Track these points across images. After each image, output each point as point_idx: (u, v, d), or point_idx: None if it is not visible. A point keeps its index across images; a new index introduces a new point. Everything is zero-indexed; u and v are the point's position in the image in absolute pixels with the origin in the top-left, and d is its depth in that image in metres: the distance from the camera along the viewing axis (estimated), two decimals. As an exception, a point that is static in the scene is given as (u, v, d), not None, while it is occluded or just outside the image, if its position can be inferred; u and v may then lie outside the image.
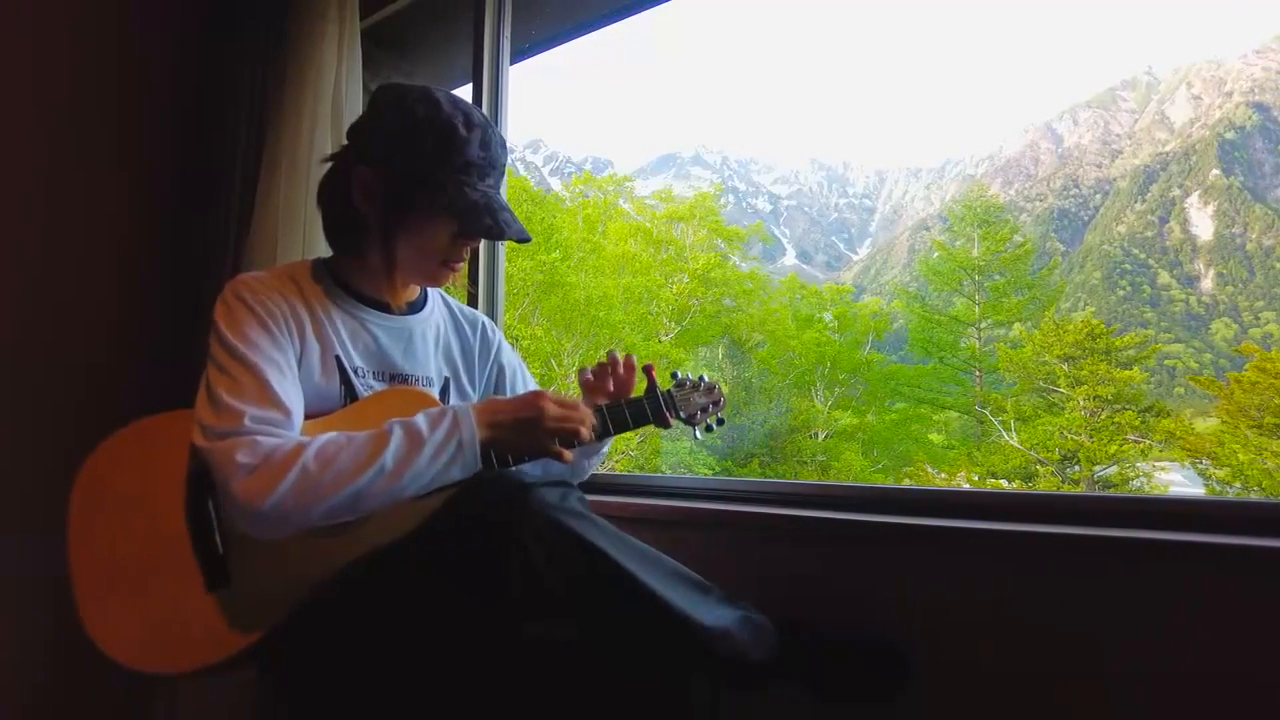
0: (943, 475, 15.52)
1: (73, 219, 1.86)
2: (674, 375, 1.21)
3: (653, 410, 1.15)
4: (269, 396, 0.93)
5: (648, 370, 1.20)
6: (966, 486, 14.00)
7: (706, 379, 1.23)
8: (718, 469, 16.74)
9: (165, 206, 2.00)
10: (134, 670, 0.96)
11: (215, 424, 0.90)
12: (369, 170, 1.07)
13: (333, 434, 0.92)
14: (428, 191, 1.04)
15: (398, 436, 0.91)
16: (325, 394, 1.05)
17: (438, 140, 1.04)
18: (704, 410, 1.22)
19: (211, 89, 1.98)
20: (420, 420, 0.93)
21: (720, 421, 1.25)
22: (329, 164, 1.14)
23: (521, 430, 0.98)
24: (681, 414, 1.19)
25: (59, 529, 1.03)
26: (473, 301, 1.84)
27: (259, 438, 0.89)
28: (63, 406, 1.77)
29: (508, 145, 1.15)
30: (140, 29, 1.99)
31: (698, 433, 1.22)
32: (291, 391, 0.97)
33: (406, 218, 1.07)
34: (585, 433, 1.01)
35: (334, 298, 1.11)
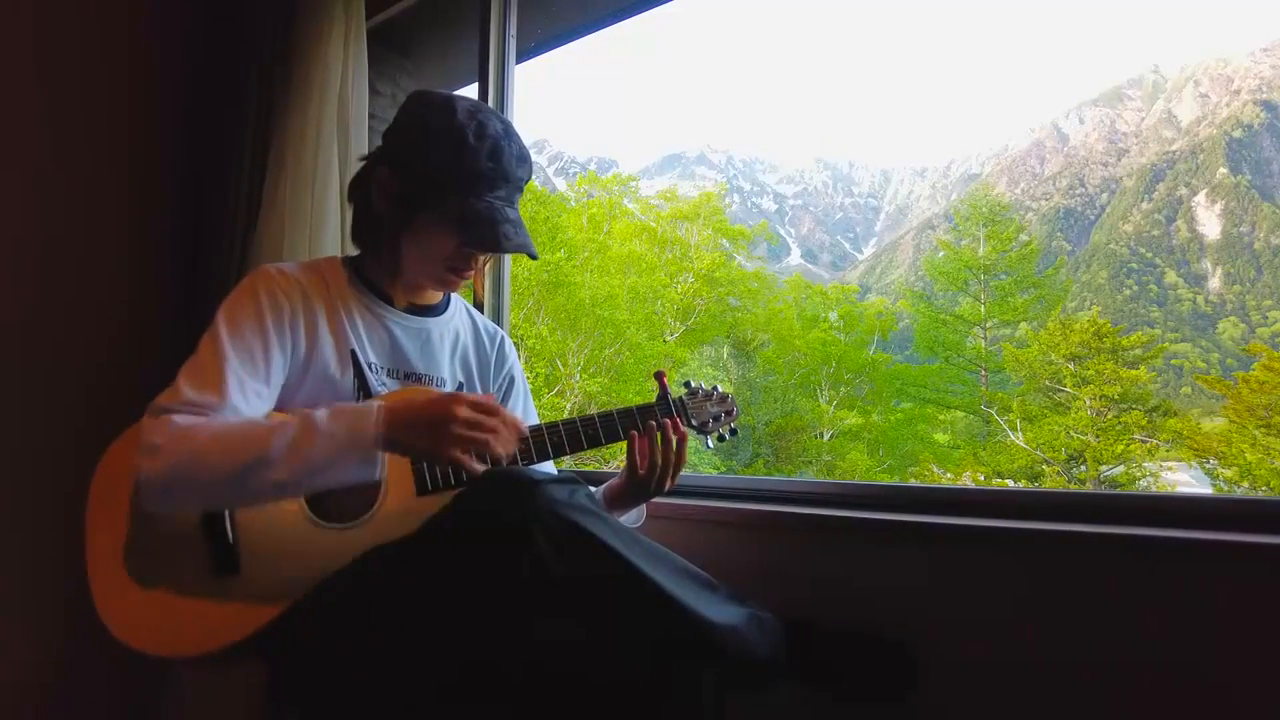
0: (948, 475, 15.48)
1: (80, 218, 1.87)
2: (687, 384, 1.21)
3: (663, 416, 1.15)
4: (216, 383, 0.95)
5: (659, 376, 1.20)
6: (972, 487, 13.96)
7: (720, 389, 1.23)
8: (722, 469, 16.75)
9: (172, 206, 2.00)
10: (142, 653, 0.97)
11: (159, 401, 0.94)
12: (386, 172, 1.10)
13: (238, 419, 0.94)
14: (431, 197, 1.06)
15: (294, 426, 0.91)
16: (339, 387, 1.07)
17: (445, 148, 1.05)
18: (716, 419, 1.21)
19: (217, 89, 1.98)
20: (321, 413, 0.93)
21: (733, 431, 1.25)
22: (362, 163, 1.17)
23: (426, 432, 0.92)
24: (694, 421, 1.19)
25: (69, 526, 1.04)
26: (479, 304, 1.84)
27: (177, 418, 0.91)
28: (73, 405, 1.78)
29: (529, 158, 1.13)
30: (146, 28, 2.00)
31: (710, 441, 1.23)
32: (249, 383, 0.99)
33: (411, 221, 1.09)
34: (499, 448, 0.93)
35: (357, 293, 1.13)
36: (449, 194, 1.05)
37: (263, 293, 1.04)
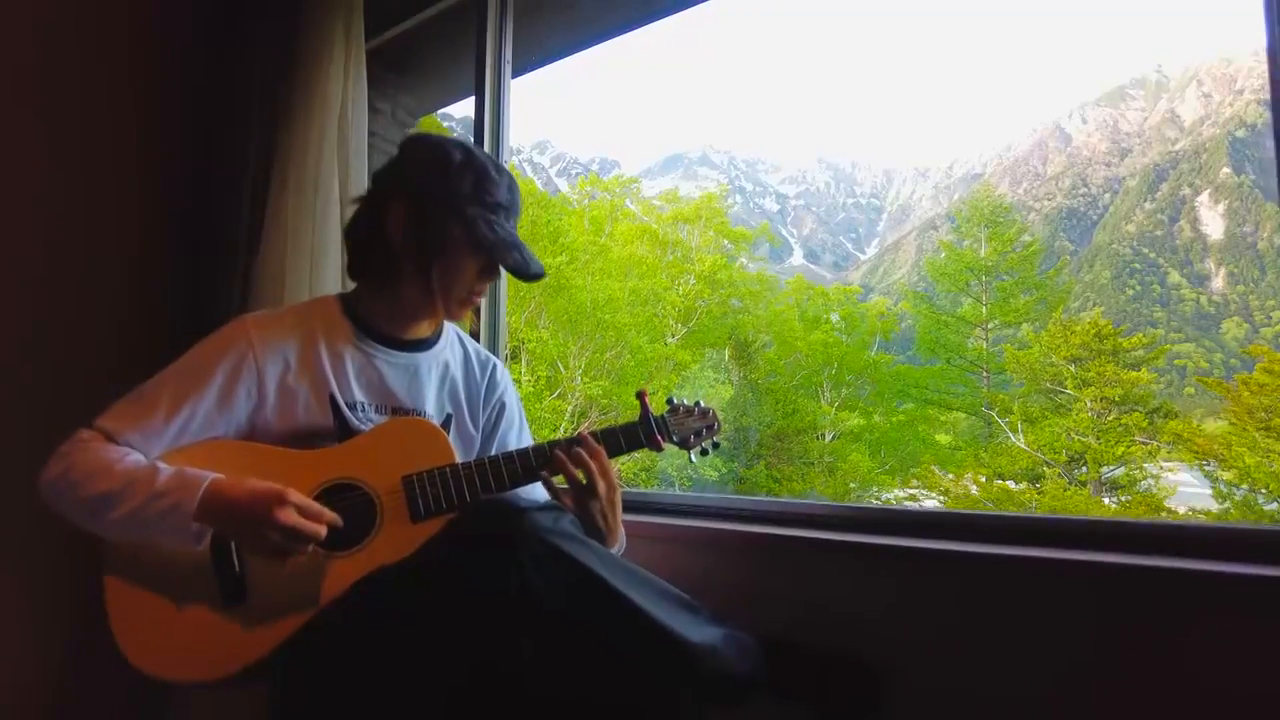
0: (950, 476, 15.46)
1: (86, 234, 1.90)
2: (669, 400, 1.25)
3: (644, 434, 1.19)
4: (132, 423, 1.05)
5: (640, 396, 1.25)
6: (973, 488, 13.97)
7: (702, 404, 1.27)
8: (724, 470, 16.77)
9: (176, 223, 2.04)
10: (154, 677, 1.02)
11: (97, 419, 1.06)
12: (403, 205, 1.14)
13: (131, 457, 1.02)
14: (462, 226, 1.12)
15: (144, 478, 0.98)
16: (319, 426, 1.13)
17: (475, 180, 1.13)
18: (698, 434, 1.25)
19: (220, 109, 2.02)
20: (164, 471, 0.99)
21: (716, 445, 1.28)
22: (357, 204, 1.22)
23: (243, 525, 0.98)
24: (675, 437, 1.23)
25: (71, 540, 1.08)
26: (475, 333, 1.85)
27: (85, 435, 1.04)
28: (76, 422, 1.81)
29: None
30: (148, 50, 2.03)
31: (693, 456, 1.26)
32: (162, 434, 1.06)
33: (437, 249, 1.14)
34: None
35: (351, 335, 1.19)
36: (478, 222, 1.12)
37: (229, 350, 1.10)
